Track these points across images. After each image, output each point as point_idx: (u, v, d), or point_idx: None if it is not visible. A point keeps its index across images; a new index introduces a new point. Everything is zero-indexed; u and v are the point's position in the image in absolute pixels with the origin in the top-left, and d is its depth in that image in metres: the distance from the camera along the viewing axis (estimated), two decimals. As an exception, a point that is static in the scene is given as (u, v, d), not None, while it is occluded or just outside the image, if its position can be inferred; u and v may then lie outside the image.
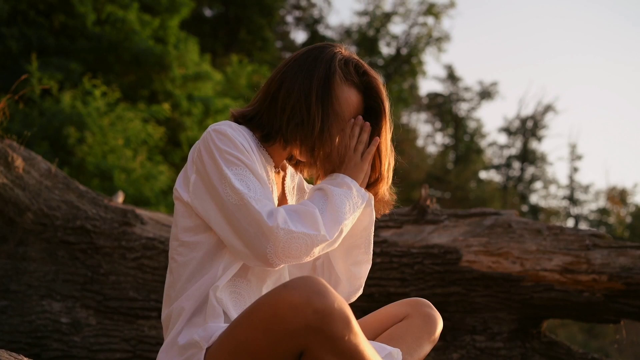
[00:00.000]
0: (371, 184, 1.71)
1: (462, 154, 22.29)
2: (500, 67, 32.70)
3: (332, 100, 1.63)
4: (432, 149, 23.64)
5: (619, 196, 21.19)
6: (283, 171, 1.79)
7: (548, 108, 21.99)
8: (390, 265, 3.22)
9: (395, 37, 20.10)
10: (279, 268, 1.64)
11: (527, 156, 22.09)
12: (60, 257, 3.20)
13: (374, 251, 3.19)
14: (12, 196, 3.13)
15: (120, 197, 4.03)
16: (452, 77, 22.50)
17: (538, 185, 22.60)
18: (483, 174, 22.72)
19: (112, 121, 8.39)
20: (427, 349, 1.73)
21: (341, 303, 1.38)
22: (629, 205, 21.46)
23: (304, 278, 1.39)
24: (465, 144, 22.54)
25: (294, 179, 1.85)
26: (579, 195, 21.82)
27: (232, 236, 1.54)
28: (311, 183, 1.90)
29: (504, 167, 22.63)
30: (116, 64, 10.05)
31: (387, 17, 20.00)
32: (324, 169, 1.69)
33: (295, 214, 1.55)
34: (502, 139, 30.12)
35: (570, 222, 21.70)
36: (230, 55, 13.23)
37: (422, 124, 23.93)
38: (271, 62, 14.65)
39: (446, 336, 3.19)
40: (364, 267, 1.76)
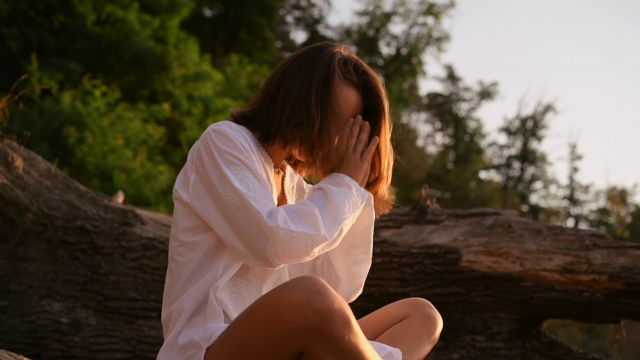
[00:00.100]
0: (371, 184, 1.71)
1: (462, 154, 22.29)
2: (500, 67, 32.73)
3: (332, 100, 1.63)
4: (432, 149, 23.66)
5: (619, 196, 21.18)
6: (282, 171, 1.79)
7: (548, 108, 22.00)
8: (390, 265, 3.22)
9: (395, 37, 20.10)
10: (278, 268, 1.64)
11: (527, 156, 22.09)
12: (60, 257, 3.20)
13: (374, 251, 3.19)
14: (12, 196, 3.13)
15: (120, 197, 4.03)
16: (452, 77, 22.50)
17: (538, 185, 22.62)
18: (483, 174, 22.73)
19: (112, 121, 8.38)
20: (427, 349, 1.73)
21: (341, 303, 1.37)
22: (629, 205, 21.47)
23: (304, 278, 1.39)
24: (465, 144, 22.54)
25: (293, 179, 1.84)
26: (579, 195, 21.82)
27: (232, 236, 1.54)
28: (310, 183, 1.90)
29: (504, 167, 22.63)
30: (116, 64, 10.05)
31: (387, 17, 20.00)
32: (323, 169, 1.69)
33: (295, 213, 1.55)
34: (502, 139, 30.15)
35: (570, 222, 21.70)
36: (230, 55, 13.22)
37: (422, 124, 23.95)
38: (271, 62, 14.65)
39: (446, 336, 3.19)
40: (364, 266, 1.76)
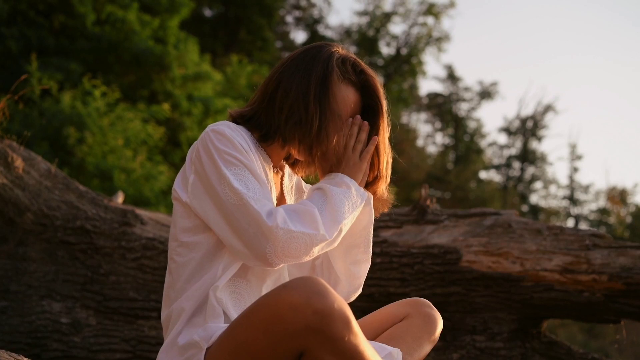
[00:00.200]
0: (370, 183, 1.71)
1: (462, 154, 22.29)
2: (500, 67, 32.73)
3: (330, 99, 1.63)
4: (432, 149, 23.66)
5: (619, 196, 21.18)
6: (281, 171, 1.79)
7: (548, 108, 22.00)
8: (390, 265, 3.22)
9: (395, 37, 20.10)
10: (278, 268, 1.64)
11: (527, 156, 22.09)
12: (60, 257, 3.19)
13: (374, 251, 3.19)
14: (12, 196, 3.13)
15: (120, 198, 4.03)
16: (452, 77, 22.50)
17: (538, 185, 22.62)
18: (483, 174, 22.74)
19: (112, 121, 8.38)
20: (427, 349, 1.73)
21: (341, 303, 1.37)
22: (629, 205, 21.47)
23: (303, 278, 1.39)
24: (465, 144, 22.54)
25: (292, 179, 1.85)
26: (579, 195, 21.82)
27: (231, 236, 1.54)
28: (309, 183, 1.90)
29: (504, 167, 22.63)
30: (116, 64, 10.05)
31: (387, 17, 20.00)
32: (322, 168, 1.69)
33: (294, 213, 1.55)
34: (502, 139, 30.16)
35: (570, 222, 21.70)
36: (230, 55, 13.22)
37: (422, 124, 23.96)
38: (271, 62, 14.64)
39: (446, 336, 3.18)
40: (363, 266, 1.76)
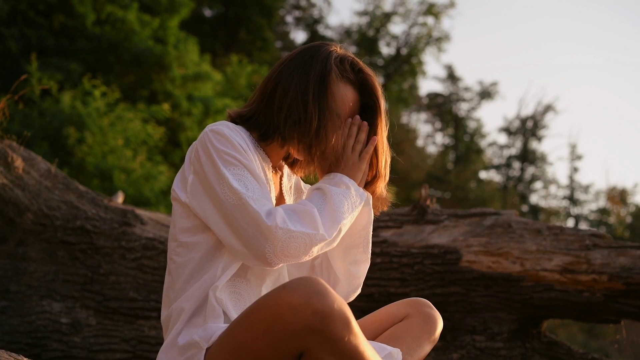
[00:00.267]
0: (369, 183, 1.71)
1: (462, 154, 22.29)
2: (500, 67, 32.72)
3: (328, 98, 1.63)
4: (432, 149, 23.66)
5: (619, 196, 21.18)
6: (280, 171, 1.79)
7: (548, 108, 22.00)
8: (390, 265, 3.22)
9: (395, 37, 20.10)
10: (277, 267, 1.64)
11: (527, 156, 22.09)
12: (60, 257, 3.19)
13: (374, 251, 3.20)
14: (12, 196, 3.13)
15: (120, 198, 4.03)
16: (452, 77, 22.50)
17: (538, 185, 22.62)
18: (483, 174, 22.74)
19: (112, 121, 8.37)
20: (427, 349, 1.73)
21: (341, 304, 1.37)
22: (629, 205, 21.47)
23: (303, 279, 1.39)
24: (465, 144, 22.54)
25: (290, 179, 1.85)
26: (579, 195, 21.82)
27: (230, 236, 1.54)
28: (308, 183, 1.90)
29: (504, 167, 22.63)
30: (116, 64, 10.04)
31: (387, 17, 19.99)
32: (321, 167, 1.69)
33: (294, 213, 1.55)
34: (502, 139, 30.16)
35: (570, 222, 21.70)
36: (230, 55, 13.22)
37: (422, 124, 23.96)
38: (271, 62, 14.63)
39: (446, 336, 3.18)
40: (363, 266, 1.76)
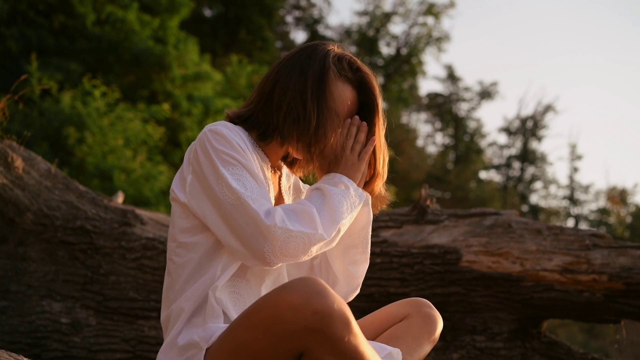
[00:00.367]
0: (367, 182, 1.71)
1: (462, 154, 22.28)
2: (500, 67, 32.72)
3: (327, 96, 1.64)
4: (432, 149, 23.66)
5: (619, 196, 21.18)
6: (279, 171, 1.80)
7: (548, 108, 22.00)
8: (390, 265, 3.22)
9: (395, 37, 20.09)
10: (276, 267, 1.64)
11: (527, 156, 22.09)
12: (60, 257, 3.19)
13: (374, 251, 3.20)
14: (12, 196, 3.13)
15: (120, 198, 4.03)
16: (452, 77, 22.50)
17: (538, 185, 22.61)
18: (483, 174, 22.74)
19: (111, 121, 8.37)
20: (427, 349, 1.73)
21: (341, 304, 1.37)
22: (629, 205, 21.46)
23: (303, 279, 1.39)
24: (465, 144, 22.54)
25: (289, 179, 1.85)
26: (579, 195, 21.82)
27: (229, 236, 1.54)
28: (307, 183, 1.90)
29: (504, 167, 22.63)
30: (116, 64, 10.04)
31: (387, 17, 19.99)
32: (320, 166, 1.69)
33: (292, 213, 1.55)
34: (502, 139, 30.14)
35: (570, 222, 21.70)
36: (230, 55, 13.21)
37: (422, 124, 23.96)
38: (271, 62, 14.56)
39: (446, 336, 3.18)
40: (362, 266, 1.76)
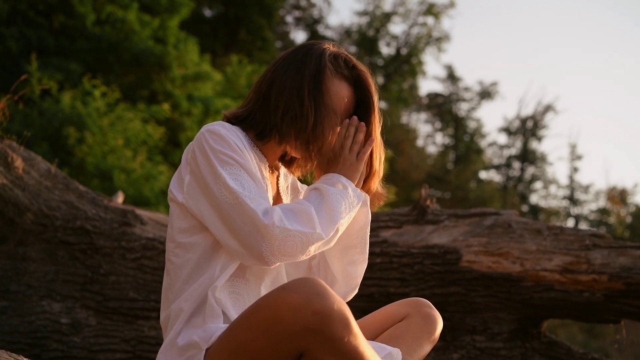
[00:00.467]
0: (364, 180, 1.71)
1: (462, 154, 22.29)
2: (500, 67, 32.70)
3: (324, 94, 1.64)
4: (432, 149, 23.67)
5: (619, 196, 21.18)
6: (277, 171, 1.80)
7: (548, 108, 22.00)
8: (390, 265, 3.22)
9: (395, 37, 20.10)
10: (274, 266, 1.64)
11: (527, 156, 22.09)
12: (60, 257, 3.19)
13: (374, 251, 3.20)
14: (12, 196, 3.13)
15: (120, 198, 4.03)
16: (452, 77, 22.50)
17: (538, 185, 22.62)
18: (483, 174, 22.74)
19: (111, 121, 8.37)
20: (427, 349, 1.73)
21: (340, 304, 1.37)
22: (629, 205, 21.47)
23: (303, 279, 1.39)
24: (465, 144, 22.54)
25: (287, 179, 1.85)
26: (579, 195, 21.82)
27: (227, 235, 1.54)
28: (305, 183, 1.90)
29: (504, 167, 22.63)
30: (116, 64, 10.04)
31: (387, 17, 20.00)
32: (319, 164, 1.70)
33: (291, 212, 1.55)
34: (502, 139, 30.14)
35: (570, 222, 21.70)
36: (230, 55, 13.21)
37: (422, 124, 23.97)
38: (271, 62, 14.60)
39: (446, 336, 3.18)
40: (360, 266, 1.77)
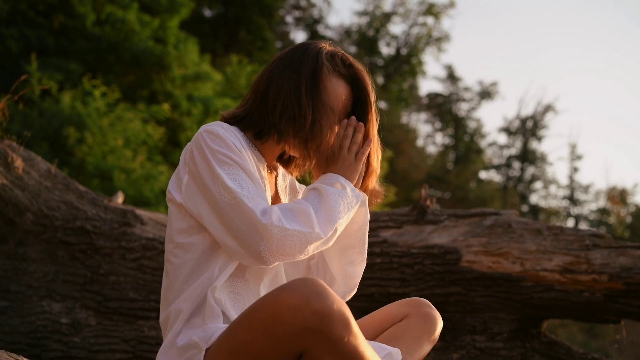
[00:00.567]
0: (362, 179, 1.71)
1: (462, 154, 22.29)
2: (500, 67, 32.71)
3: (321, 92, 1.64)
4: (432, 149, 23.67)
5: (619, 196, 21.19)
6: (275, 171, 1.80)
7: (548, 108, 22.01)
8: (390, 265, 3.22)
9: (395, 37, 20.11)
10: (273, 266, 1.64)
11: (527, 156, 22.09)
12: (60, 257, 3.19)
13: (374, 251, 3.20)
14: (12, 197, 3.13)
15: (120, 198, 4.03)
16: (452, 77, 22.51)
17: (538, 185, 22.63)
18: (483, 174, 22.75)
19: (111, 121, 8.37)
20: (427, 348, 1.73)
21: (340, 304, 1.37)
22: (629, 205, 21.47)
23: (303, 280, 1.39)
24: (465, 144, 22.55)
25: (285, 179, 1.85)
26: (579, 195, 21.83)
27: (225, 235, 1.54)
28: (304, 183, 1.90)
29: (504, 167, 22.64)
30: (116, 64, 10.04)
31: (387, 17, 20.01)
32: (317, 162, 1.70)
33: (289, 212, 1.55)
34: (502, 139, 30.15)
35: (570, 222, 21.71)
36: (230, 55, 13.21)
37: (422, 124, 23.97)
38: (271, 63, 14.59)
39: (446, 336, 3.18)
40: (359, 266, 1.77)
